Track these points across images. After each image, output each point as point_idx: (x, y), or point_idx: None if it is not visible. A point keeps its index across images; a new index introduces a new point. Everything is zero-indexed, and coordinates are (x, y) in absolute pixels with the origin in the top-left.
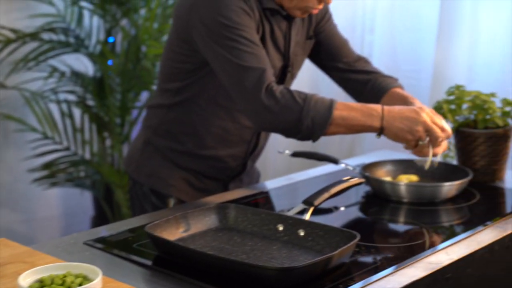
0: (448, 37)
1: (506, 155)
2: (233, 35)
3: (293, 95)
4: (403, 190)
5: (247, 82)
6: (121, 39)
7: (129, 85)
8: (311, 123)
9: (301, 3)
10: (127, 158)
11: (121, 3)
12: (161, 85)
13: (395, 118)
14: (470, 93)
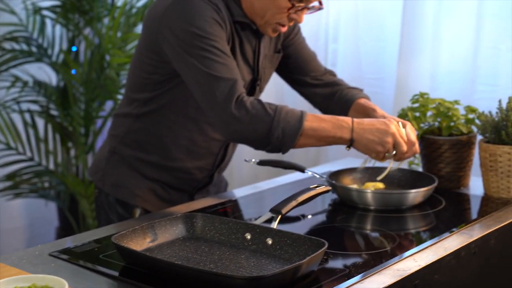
0: (411, 46)
1: (470, 162)
2: (205, 45)
3: (264, 106)
4: (369, 197)
5: (218, 92)
6: (85, 48)
7: (93, 94)
8: (281, 134)
9: (272, 20)
10: (92, 167)
11: (84, 12)
12: (129, 95)
13: (365, 130)
14: (434, 100)
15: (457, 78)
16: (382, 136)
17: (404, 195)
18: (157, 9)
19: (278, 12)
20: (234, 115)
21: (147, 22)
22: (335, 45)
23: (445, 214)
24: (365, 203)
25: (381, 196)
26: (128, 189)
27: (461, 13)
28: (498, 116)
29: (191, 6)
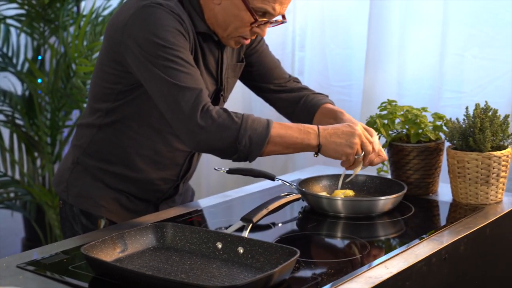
0: (378, 54)
1: (439, 169)
2: (169, 55)
3: (230, 114)
4: (340, 205)
5: (183, 102)
6: (50, 57)
7: (59, 103)
8: (248, 142)
9: (235, 34)
10: (56, 177)
11: (49, 21)
12: (92, 104)
13: (331, 134)
14: (402, 108)
15: (423, 85)
16: (348, 138)
17: (374, 202)
18: (120, 19)
19: (241, 26)
20: (200, 124)
21: (110, 32)
22: (302, 53)
23: (415, 221)
24: (336, 210)
25: (351, 203)
26: (92, 199)
27: (427, 20)
28: (465, 123)
29: (154, 17)
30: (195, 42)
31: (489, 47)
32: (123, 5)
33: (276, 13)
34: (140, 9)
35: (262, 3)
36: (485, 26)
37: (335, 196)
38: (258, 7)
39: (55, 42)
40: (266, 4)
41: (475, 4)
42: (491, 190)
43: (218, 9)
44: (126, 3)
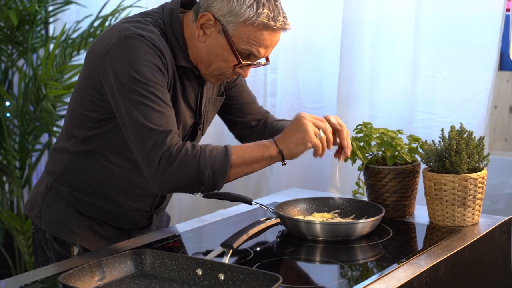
0: (350, 75)
1: (415, 191)
2: (144, 91)
3: (188, 150)
4: (318, 228)
5: (149, 144)
6: (18, 80)
7: (28, 127)
8: (211, 172)
9: (217, 72)
10: (29, 202)
11: (17, 43)
12: (68, 130)
13: (284, 136)
14: (377, 130)
15: (396, 107)
16: (299, 126)
17: (353, 225)
18: (101, 46)
19: (224, 66)
20: (161, 168)
21: (90, 58)
22: (274, 75)
23: (393, 244)
24: (314, 234)
25: (329, 227)
26: (65, 226)
27: (398, 43)
28: (441, 145)
29: (135, 49)
30: (174, 77)
31: (460, 69)
32: (106, 32)
33: (261, 56)
34: (122, 39)
35: (248, 45)
36: (456, 48)
37: (313, 220)
38: (243, 48)
39: (23, 65)
40: (251, 46)
41: (446, 27)
42: (468, 212)
43: (203, 46)
44: (109, 30)
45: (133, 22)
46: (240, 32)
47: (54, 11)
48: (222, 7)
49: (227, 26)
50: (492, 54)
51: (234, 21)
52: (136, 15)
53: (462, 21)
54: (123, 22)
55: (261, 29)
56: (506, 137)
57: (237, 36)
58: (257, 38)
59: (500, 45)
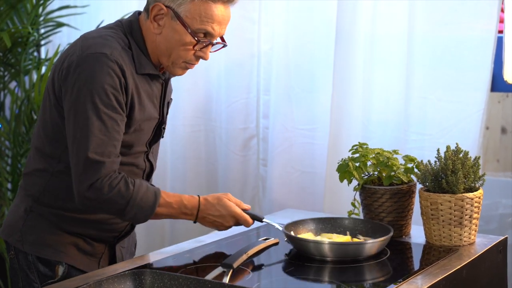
0: (343, 96)
1: (411, 211)
2: (96, 113)
3: (120, 190)
4: (326, 249)
5: (83, 167)
6: (10, 103)
7: (21, 149)
8: (133, 217)
9: (179, 60)
10: (7, 228)
11: (9, 65)
12: (41, 151)
13: (205, 217)
14: (373, 150)
15: (389, 128)
16: (222, 216)
17: (362, 246)
18: (64, 63)
19: (183, 50)
20: (88, 195)
21: (53, 74)
22: (267, 97)
23: (391, 264)
24: (322, 254)
25: (338, 247)
26: (50, 246)
27: (390, 63)
28: (437, 165)
29: (93, 69)
30: (137, 87)
31: (453, 90)
32: (69, 47)
33: (216, 34)
34: (84, 57)
35: (201, 24)
36: (448, 68)
37: (322, 240)
38: (198, 28)
39: (15, 87)
40: (205, 24)
41: (439, 48)
42: (465, 231)
43: (160, 38)
44: (71, 46)
45: (96, 38)
46: (192, 11)
47: (46, 33)
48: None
49: (178, 9)
50: (484, 75)
51: (184, 2)
52: (98, 30)
53: (454, 43)
54: (85, 37)
55: (210, 3)
56: (498, 158)
57: (190, 17)
58: (208, 14)
59: (492, 67)
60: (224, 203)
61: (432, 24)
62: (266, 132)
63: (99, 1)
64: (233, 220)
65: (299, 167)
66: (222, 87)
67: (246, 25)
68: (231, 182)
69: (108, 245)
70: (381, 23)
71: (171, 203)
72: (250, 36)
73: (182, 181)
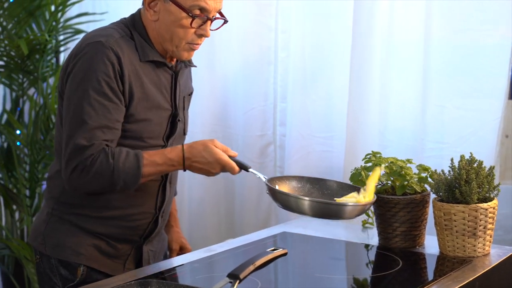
0: (359, 104)
1: (425, 221)
2: (87, 98)
3: (102, 161)
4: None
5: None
6: (29, 109)
7: (38, 155)
8: (123, 184)
9: (181, 42)
10: (32, 233)
11: (28, 72)
12: (59, 152)
13: (192, 163)
14: (387, 159)
15: (406, 136)
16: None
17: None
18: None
19: (183, 31)
20: (74, 175)
21: (61, 73)
22: (283, 104)
23: (403, 275)
24: (302, 211)
25: (318, 205)
26: (70, 248)
27: (407, 71)
28: (451, 174)
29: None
30: (137, 73)
31: (470, 98)
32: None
33: (211, 8)
34: (82, 47)
35: (194, 0)
36: (466, 76)
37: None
38: (191, 5)
39: (34, 93)
40: (197, 0)
41: (456, 55)
42: (479, 242)
43: (158, 24)
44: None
45: (96, 30)
46: None
47: (64, 40)
48: None
49: None
50: (502, 82)
51: None
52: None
53: (471, 50)
54: (87, 32)
55: None
56: None
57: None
58: None
59: (510, 74)
60: (211, 149)
61: (449, 31)
62: (283, 140)
63: (117, 8)
64: (220, 167)
65: (316, 175)
66: (239, 94)
67: (263, 32)
68: (248, 190)
69: (135, 246)
70: (398, 30)
71: (155, 160)
72: (266, 43)
73: (199, 188)
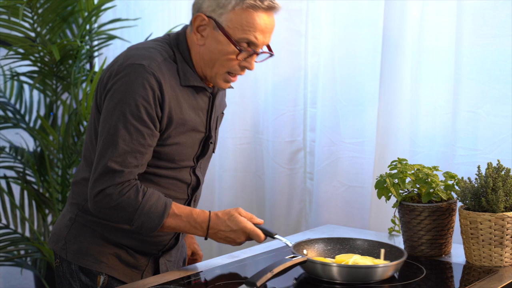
0: (390, 110)
1: (451, 229)
2: (124, 122)
3: (130, 197)
4: (335, 271)
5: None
6: (62, 114)
7: (69, 160)
8: (140, 226)
9: (222, 70)
10: (53, 236)
11: (61, 78)
12: (88, 159)
13: (216, 232)
14: (412, 166)
15: (436, 143)
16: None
17: (372, 270)
18: (107, 73)
19: (227, 61)
20: (98, 199)
21: (99, 83)
22: (313, 110)
23: (426, 284)
24: (331, 277)
25: (347, 270)
26: (92, 256)
27: (438, 77)
28: (478, 182)
29: (129, 80)
30: (177, 98)
31: (502, 104)
32: (114, 59)
33: (259, 42)
34: (123, 67)
35: (243, 33)
36: (497, 83)
37: (331, 262)
38: (240, 37)
39: (67, 98)
40: (247, 33)
41: (487, 61)
42: (506, 252)
43: (203, 49)
44: (117, 57)
45: (139, 49)
46: (233, 21)
47: (98, 46)
48: (211, 4)
49: (219, 19)
50: None
51: (225, 12)
52: (144, 42)
53: (503, 56)
54: (129, 49)
55: (251, 11)
56: None
57: (232, 26)
58: (250, 23)
59: None
60: (235, 218)
61: (480, 37)
62: (312, 145)
63: (150, 14)
64: (245, 235)
65: (346, 182)
66: (269, 100)
67: (293, 38)
68: (278, 196)
69: (153, 258)
70: (429, 36)
71: (181, 215)
72: (297, 49)
73: (229, 194)
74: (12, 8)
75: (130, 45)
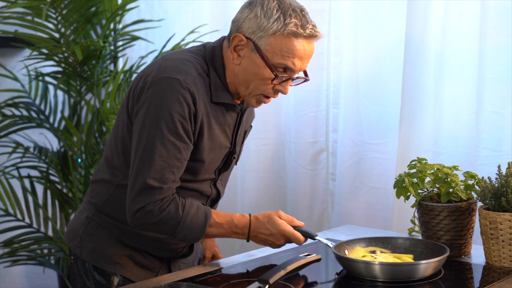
0: (412, 110)
1: (471, 229)
2: (160, 138)
3: (170, 211)
4: (377, 269)
5: (138, 188)
6: (85, 114)
7: (92, 160)
8: (183, 237)
9: (256, 92)
10: (69, 233)
11: (85, 78)
12: (110, 162)
13: (257, 235)
14: (432, 166)
15: (460, 143)
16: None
17: (415, 266)
18: (140, 82)
19: (262, 84)
20: (139, 215)
21: (130, 91)
22: (336, 110)
23: (444, 285)
24: (373, 275)
25: (389, 268)
26: (106, 256)
27: (462, 77)
28: (498, 182)
29: (164, 94)
30: (208, 115)
31: None
32: (147, 67)
33: (297, 69)
34: (158, 80)
35: (282, 59)
36: None
37: (373, 261)
38: (278, 63)
39: (91, 98)
40: (285, 59)
41: (511, 60)
42: None
43: (238, 69)
44: (150, 65)
45: (173, 61)
46: (272, 45)
47: (122, 46)
48: (251, 25)
49: (258, 42)
50: None
51: (265, 35)
52: (179, 52)
53: None
54: (164, 59)
55: (292, 38)
56: None
57: (270, 50)
58: (289, 49)
59: None
60: (274, 221)
61: (504, 37)
62: (335, 146)
63: (173, 15)
64: (284, 238)
65: (368, 182)
66: (291, 101)
67: None
68: (300, 196)
69: (165, 261)
70: (452, 36)
71: (222, 223)
72: (319, 49)
73: (251, 194)
74: (36, 9)
75: (165, 53)
